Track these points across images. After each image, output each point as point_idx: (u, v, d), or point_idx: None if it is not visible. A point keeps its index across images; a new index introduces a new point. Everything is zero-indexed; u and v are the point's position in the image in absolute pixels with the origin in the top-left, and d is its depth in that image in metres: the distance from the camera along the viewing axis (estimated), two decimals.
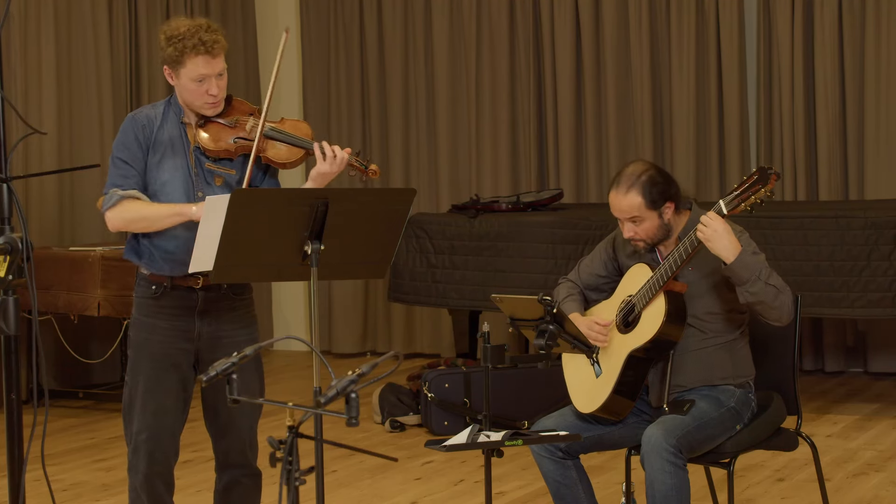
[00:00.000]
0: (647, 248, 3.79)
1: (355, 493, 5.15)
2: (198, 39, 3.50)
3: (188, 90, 3.56)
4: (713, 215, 3.57)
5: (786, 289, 3.65)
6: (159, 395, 3.61)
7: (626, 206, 3.72)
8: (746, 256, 3.58)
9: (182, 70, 3.53)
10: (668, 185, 3.75)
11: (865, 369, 7.54)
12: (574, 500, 3.78)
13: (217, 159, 3.62)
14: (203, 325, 3.63)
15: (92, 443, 6.23)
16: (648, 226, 3.74)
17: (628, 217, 3.74)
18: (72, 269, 6.67)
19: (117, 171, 3.59)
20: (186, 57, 3.51)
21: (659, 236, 3.76)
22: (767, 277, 3.59)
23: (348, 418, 2.57)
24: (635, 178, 3.72)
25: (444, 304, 6.91)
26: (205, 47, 3.50)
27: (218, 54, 3.54)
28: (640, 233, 3.75)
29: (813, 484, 4.92)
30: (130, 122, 3.62)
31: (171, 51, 3.53)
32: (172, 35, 3.53)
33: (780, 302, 3.62)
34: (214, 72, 3.54)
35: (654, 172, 3.75)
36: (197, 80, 3.53)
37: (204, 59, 3.51)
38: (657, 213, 3.72)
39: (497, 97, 8.32)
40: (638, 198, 3.70)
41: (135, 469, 3.63)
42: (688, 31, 7.81)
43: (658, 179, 3.73)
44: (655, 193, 3.70)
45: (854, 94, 7.47)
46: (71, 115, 7.60)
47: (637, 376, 3.75)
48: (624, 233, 3.79)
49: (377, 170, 3.71)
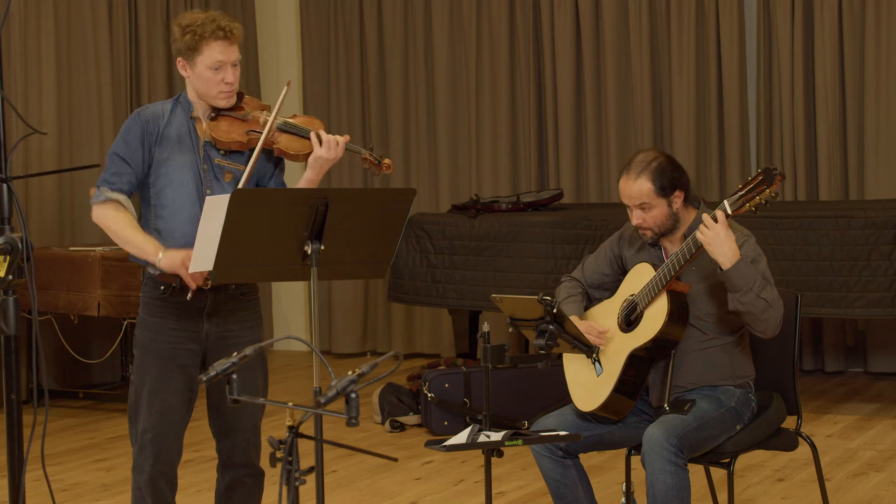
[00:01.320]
0: (655, 238, 3.78)
1: (355, 493, 5.15)
2: (216, 25, 3.53)
3: (203, 79, 3.57)
4: (717, 218, 3.55)
5: (777, 303, 3.63)
6: (166, 395, 3.61)
7: (636, 191, 3.72)
8: (743, 265, 3.56)
9: (198, 58, 3.55)
10: (679, 173, 3.75)
11: (865, 369, 7.54)
12: (574, 500, 3.78)
13: (227, 153, 3.63)
14: (211, 326, 3.63)
15: (92, 443, 6.23)
16: (657, 213, 3.73)
17: (637, 203, 3.73)
18: (72, 269, 6.67)
19: (112, 166, 3.60)
20: (204, 43, 3.53)
21: (667, 226, 3.75)
22: (760, 290, 3.58)
23: (348, 418, 2.57)
24: (646, 164, 3.73)
25: (444, 304, 6.91)
26: (223, 32, 3.54)
27: (235, 41, 3.57)
28: (648, 220, 3.74)
29: (813, 484, 4.92)
30: (136, 118, 3.63)
31: (189, 38, 3.54)
32: (189, 24, 3.55)
33: (769, 316, 3.61)
34: (230, 59, 3.56)
35: (665, 160, 3.75)
36: (213, 67, 3.54)
37: (222, 45, 3.54)
38: (666, 201, 3.72)
39: (497, 97, 8.32)
40: (647, 184, 3.70)
41: (139, 468, 3.64)
42: (688, 31, 7.81)
43: (668, 167, 3.73)
44: (665, 181, 3.71)
45: (854, 94, 7.47)
46: (71, 115, 7.60)
47: (638, 375, 3.75)
48: (632, 220, 3.78)
49: (391, 164, 3.74)
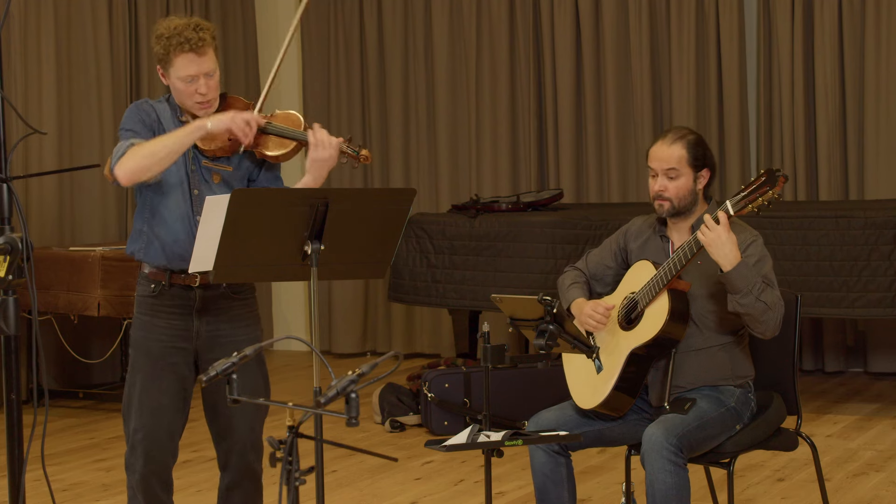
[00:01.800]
0: (671, 212, 3.78)
1: (355, 493, 5.15)
2: (183, 38, 3.46)
3: (178, 90, 3.54)
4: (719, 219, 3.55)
5: (777, 306, 3.64)
6: (156, 394, 3.59)
7: (669, 155, 3.76)
8: (744, 268, 3.57)
9: (171, 69, 3.52)
10: (711, 155, 3.84)
11: (865, 369, 7.53)
12: (557, 499, 3.75)
13: (214, 157, 3.62)
14: (201, 324, 3.61)
15: (92, 443, 6.23)
16: (682, 184, 3.75)
17: (667, 168, 3.76)
18: (72, 269, 6.67)
19: (126, 134, 3.53)
20: (173, 55, 3.49)
21: (686, 201, 3.77)
22: (760, 293, 3.58)
23: (348, 418, 2.57)
24: (683, 134, 3.81)
25: (444, 304, 6.91)
26: (189, 45, 3.47)
27: (205, 53, 3.49)
28: (670, 189, 3.76)
29: (813, 484, 4.92)
30: (136, 108, 3.60)
31: (159, 49, 3.51)
32: (161, 34, 3.51)
33: (768, 318, 3.62)
34: (202, 71, 3.50)
35: (701, 138, 3.85)
36: (185, 79, 3.50)
37: (190, 58, 3.48)
38: (693, 175, 3.77)
39: (497, 97, 8.32)
40: (682, 151, 3.76)
41: (131, 468, 3.62)
42: (688, 31, 7.81)
43: (703, 144, 3.82)
44: (699, 153, 3.78)
45: (854, 94, 7.47)
46: (71, 115, 7.60)
47: (638, 373, 3.75)
48: (654, 187, 3.79)
49: (368, 155, 3.65)
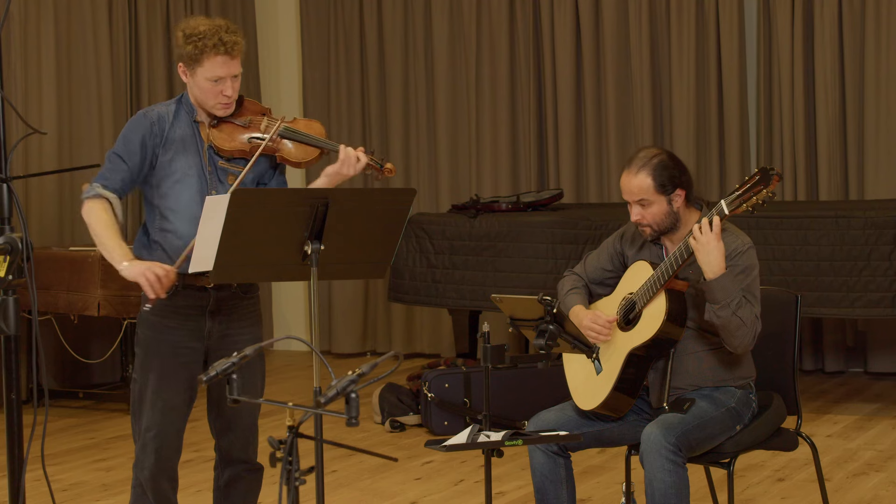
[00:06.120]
0: (654, 235, 3.76)
1: (355, 493, 5.15)
2: (218, 39, 3.50)
3: (203, 89, 3.56)
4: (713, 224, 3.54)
5: (753, 324, 3.60)
6: (169, 393, 3.62)
7: (636, 187, 3.71)
8: (726, 280, 3.55)
9: (199, 69, 3.53)
10: (680, 172, 3.74)
11: (865, 369, 7.53)
12: (555, 499, 3.74)
13: (230, 158, 3.63)
14: (214, 324, 3.64)
15: (92, 443, 6.23)
16: (656, 210, 3.71)
17: (637, 199, 3.71)
18: (72, 269, 6.67)
19: (109, 165, 3.60)
20: (205, 56, 3.50)
21: (666, 224, 3.73)
22: (737, 308, 3.56)
23: (348, 418, 2.57)
24: (647, 160, 3.72)
25: (443, 305, 6.91)
26: (225, 48, 3.50)
27: (237, 56, 3.54)
28: (647, 217, 3.72)
29: (813, 484, 4.92)
30: (140, 119, 3.62)
31: (191, 49, 3.51)
32: (192, 33, 3.52)
33: (742, 334, 3.60)
34: (231, 73, 3.54)
35: (667, 157, 3.74)
36: (213, 80, 3.53)
37: (223, 60, 3.51)
38: (666, 199, 3.70)
39: (497, 97, 8.32)
40: (647, 180, 3.69)
41: (141, 465, 3.65)
42: (688, 31, 7.80)
43: (670, 164, 3.73)
44: (665, 178, 3.69)
45: (854, 94, 7.47)
46: (71, 115, 7.60)
47: (638, 374, 3.74)
48: (631, 216, 3.76)
49: (393, 168, 3.72)
